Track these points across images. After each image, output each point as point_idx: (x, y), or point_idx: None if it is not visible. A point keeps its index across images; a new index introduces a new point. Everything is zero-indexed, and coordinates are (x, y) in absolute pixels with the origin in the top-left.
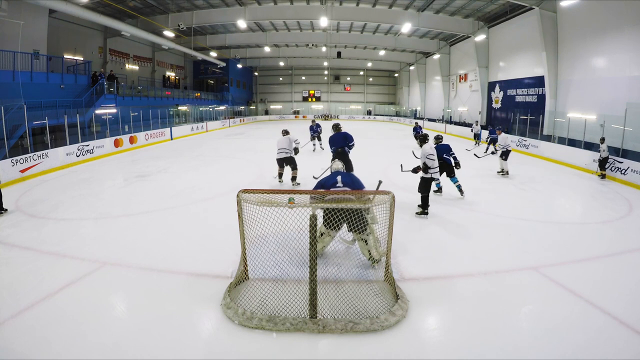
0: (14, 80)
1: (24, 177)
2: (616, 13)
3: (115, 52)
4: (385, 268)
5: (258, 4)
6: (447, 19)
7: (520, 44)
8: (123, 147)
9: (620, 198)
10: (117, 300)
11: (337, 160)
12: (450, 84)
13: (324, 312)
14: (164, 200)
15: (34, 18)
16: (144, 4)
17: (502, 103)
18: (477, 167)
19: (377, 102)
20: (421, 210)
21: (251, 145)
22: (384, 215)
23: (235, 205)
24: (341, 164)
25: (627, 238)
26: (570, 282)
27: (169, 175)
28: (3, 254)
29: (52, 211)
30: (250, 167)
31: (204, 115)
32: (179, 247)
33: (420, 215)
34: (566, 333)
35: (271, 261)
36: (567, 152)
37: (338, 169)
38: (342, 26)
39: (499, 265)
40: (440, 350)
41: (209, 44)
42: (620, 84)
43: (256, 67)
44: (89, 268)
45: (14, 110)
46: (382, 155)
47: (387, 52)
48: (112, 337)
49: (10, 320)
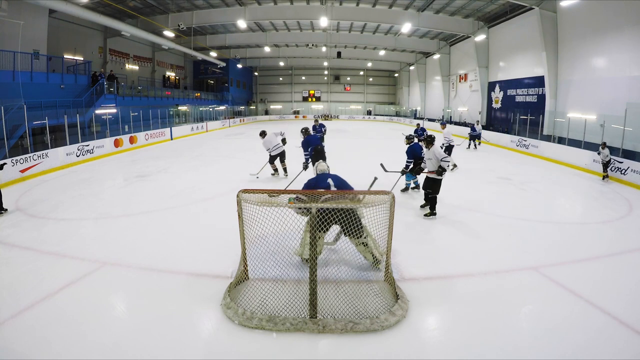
0: (14, 80)
1: (24, 177)
2: (616, 13)
3: (115, 52)
4: (385, 268)
5: (258, 4)
6: (447, 19)
7: (520, 44)
8: (123, 147)
9: (620, 198)
10: (117, 300)
11: (322, 162)
12: (450, 84)
13: (324, 312)
14: (164, 200)
15: (34, 18)
16: (144, 4)
17: (502, 103)
18: (477, 167)
19: (377, 102)
20: (430, 212)
21: (251, 145)
22: (384, 215)
23: (235, 205)
24: (326, 165)
25: (627, 238)
26: (570, 282)
27: (169, 175)
28: (3, 254)
29: (52, 211)
30: (250, 167)
31: (204, 115)
32: (179, 247)
33: (430, 217)
34: (566, 333)
35: (271, 261)
36: (567, 152)
37: (324, 171)
38: (342, 26)
39: (499, 265)
40: (440, 350)
41: (209, 44)
42: (620, 84)
43: (256, 67)
44: (89, 268)
45: (14, 110)
46: (381, 155)
47: (387, 52)
48: (112, 337)
49: (10, 320)
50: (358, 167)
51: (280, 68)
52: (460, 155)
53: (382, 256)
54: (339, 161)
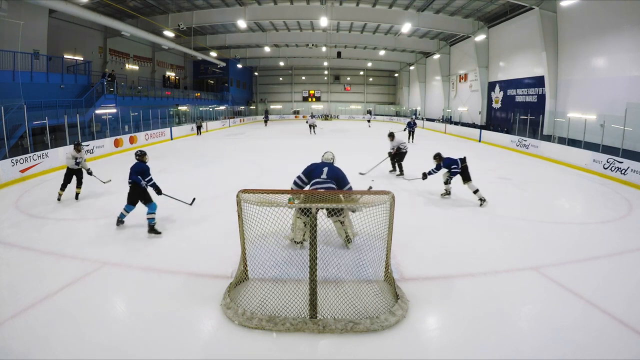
0: (14, 80)
1: (24, 177)
2: (616, 13)
3: (115, 52)
4: (385, 268)
5: (258, 4)
6: (447, 19)
7: (520, 44)
8: (123, 147)
9: (620, 198)
10: (117, 300)
11: (329, 152)
12: (450, 84)
13: (324, 312)
14: (163, 201)
15: (34, 18)
16: (144, 4)
17: (502, 103)
18: (477, 167)
19: (377, 102)
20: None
21: (251, 145)
22: (384, 215)
23: (235, 205)
24: (332, 155)
25: (627, 238)
26: (571, 282)
27: (169, 175)
28: (3, 254)
29: (52, 211)
30: (250, 167)
31: (204, 115)
32: (179, 247)
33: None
34: (566, 333)
35: (271, 261)
36: (567, 152)
37: (328, 160)
38: (342, 26)
39: (499, 265)
40: (440, 350)
41: (209, 44)
42: (620, 84)
43: (256, 67)
44: (89, 268)
45: (14, 110)
46: (381, 155)
47: (387, 52)
48: (112, 337)
49: (10, 320)
50: (358, 166)
51: (280, 68)
52: (460, 155)
53: (354, 236)
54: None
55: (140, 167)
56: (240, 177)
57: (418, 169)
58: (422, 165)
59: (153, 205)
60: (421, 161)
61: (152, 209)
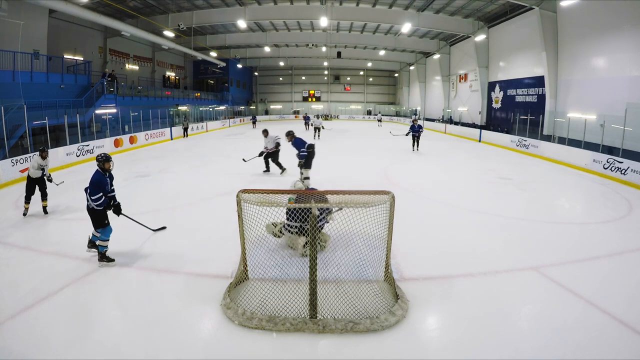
0: (14, 80)
1: (24, 177)
2: (616, 13)
3: (115, 52)
4: (385, 268)
5: (258, 4)
6: (447, 19)
7: (520, 44)
8: (123, 147)
9: (620, 198)
10: (117, 300)
11: (298, 182)
12: (450, 84)
13: (324, 312)
14: (163, 200)
15: (34, 18)
16: (144, 4)
17: (502, 103)
18: (477, 167)
19: (377, 102)
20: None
21: (251, 145)
22: (384, 216)
23: (235, 205)
24: (301, 186)
25: (627, 238)
26: (571, 282)
27: (169, 175)
28: (3, 254)
29: (52, 211)
30: (250, 167)
31: (204, 115)
32: (179, 247)
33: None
34: (566, 333)
35: (271, 261)
36: (567, 152)
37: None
38: (342, 26)
39: (499, 265)
40: (440, 350)
41: (209, 44)
42: (620, 84)
43: (256, 67)
44: (89, 268)
45: (14, 110)
46: (382, 155)
47: (387, 52)
48: (112, 337)
49: (10, 320)
50: (358, 166)
51: (280, 68)
52: (461, 155)
53: (325, 242)
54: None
55: (94, 178)
56: (240, 177)
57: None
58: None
59: (108, 229)
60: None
61: (105, 234)
